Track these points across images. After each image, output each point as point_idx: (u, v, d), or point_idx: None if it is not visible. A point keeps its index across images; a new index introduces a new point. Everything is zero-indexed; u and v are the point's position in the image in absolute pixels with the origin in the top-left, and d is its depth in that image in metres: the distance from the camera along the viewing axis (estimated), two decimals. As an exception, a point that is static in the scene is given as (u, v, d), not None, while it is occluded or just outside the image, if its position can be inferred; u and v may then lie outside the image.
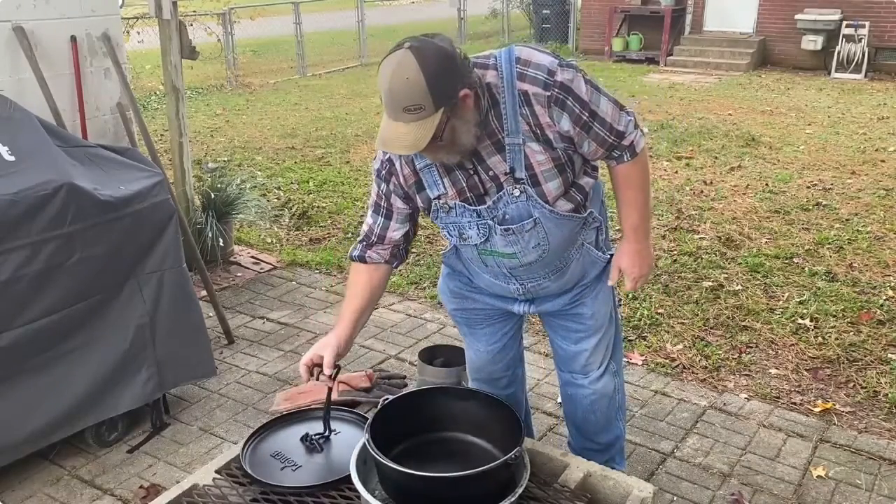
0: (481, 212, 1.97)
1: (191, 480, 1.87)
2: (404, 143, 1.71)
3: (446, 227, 2.05)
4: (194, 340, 3.13)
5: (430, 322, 4.07)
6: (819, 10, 11.71)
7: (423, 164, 1.96)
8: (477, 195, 1.96)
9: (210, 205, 4.64)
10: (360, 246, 2.14)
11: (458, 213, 1.99)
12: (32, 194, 2.55)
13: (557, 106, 1.84)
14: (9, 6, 3.34)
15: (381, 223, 2.10)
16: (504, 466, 1.58)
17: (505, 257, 2.05)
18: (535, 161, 1.90)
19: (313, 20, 14.38)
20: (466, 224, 2.00)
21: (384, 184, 2.04)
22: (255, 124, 8.89)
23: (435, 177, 1.97)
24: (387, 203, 2.07)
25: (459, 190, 1.96)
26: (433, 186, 1.98)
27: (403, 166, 1.99)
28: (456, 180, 1.95)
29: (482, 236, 2.01)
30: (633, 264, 2.17)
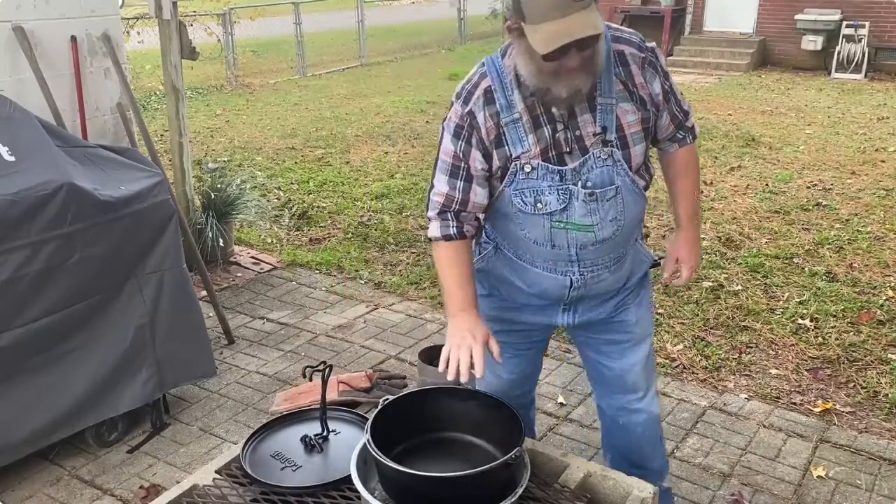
0: (565, 174, 1.85)
1: (191, 480, 1.87)
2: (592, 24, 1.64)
3: (521, 192, 1.88)
4: (194, 340, 3.13)
5: (430, 322, 4.07)
6: (819, 11, 11.71)
7: (509, 117, 1.84)
8: (559, 154, 1.85)
9: (210, 205, 4.64)
10: (449, 221, 1.96)
11: (539, 175, 1.86)
12: (32, 194, 2.55)
13: (651, 67, 1.86)
14: (9, 6, 3.34)
15: (463, 186, 1.92)
16: (504, 466, 1.58)
17: (581, 230, 1.90)
18: (625, 122, 1.85)
19: (313, 20, 14.39)
20: (546, 188, 1.86)
21: (463, 143, 1.89)
22: (255, 124, 8.89)
23: (520, 132, 1.85)
24: (466, 164, 1.90)
25: (543, 148, 1.84)
26: (516, 143, 1.85)
27: (487, 119, 1.86)
28: (541, 137, 1.84)
29: (562, 202, 1.87)
30: (692, 254, 2.15)
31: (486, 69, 1.90)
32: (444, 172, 1.94)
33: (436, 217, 1.98)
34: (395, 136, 8.12)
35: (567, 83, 1.74)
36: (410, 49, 15.63)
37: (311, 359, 3.63)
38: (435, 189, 1.97)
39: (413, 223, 5.47)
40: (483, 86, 1.88)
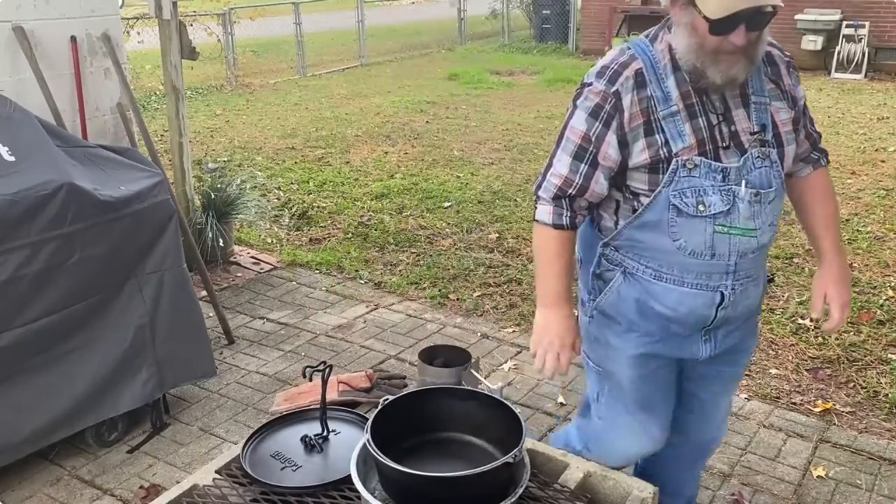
0: (728, 172, 1.71)
1: (191, 480, 1.87)
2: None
3: (681, 193, 1.72)
4: (194, 340, 3.13)
5: (430, 322, 4.07)
6: (819, 10, 11.71)
7: (666, 110, 1.71)
8: (715, 149, 1.72)
9: (210, 205, 4.64)
10: (563, 209, 1.83)
11: (702, 173, 1.71)
12: (32, 194, 2.55)
13: (794, 72, 1.84)
14: (9, 6, 3.34)
15: (586, 171, 1.77)
16: (504, 466, 1.58)
17: (745, 235, 1.75)
18: (779, 120, 1.78)
19: (313, 20, 14.39)
20: (709, 188, 1.71)
21: (600, 124, 1.73)
22: (255, 124, 8.89)
23: (679, 125, 1.71)
24: (596, 148, 1.74)
25: (700, 140, 1.71)
26: (676, 137, 1.71)
27: (634, 103, 1.71)
28: (697, 128, 1.72)
29: (726, 203, 1.71)
30: (843, 290, 1.96)
31: (635, 52, 1.77)
32: (569, 153, 1.79)
33: (549, 201, 1.85)
34: (395, 136, 8.12)
35: (726, 67, 1.65)
36: (410, 49, 15.63)
37: (311, 359, 3.63)
38: (553, 170, 1.82)
39: (413, 223, 5.47)
40: (634, 67, 1.74)
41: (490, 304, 4.26)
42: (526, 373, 3.57)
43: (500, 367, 3.61)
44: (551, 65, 12.93)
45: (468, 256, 4.87)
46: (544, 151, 7.35)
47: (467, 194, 6.05)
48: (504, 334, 3.94)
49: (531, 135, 8.07)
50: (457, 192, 6.10)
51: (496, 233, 5.25)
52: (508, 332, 3.97)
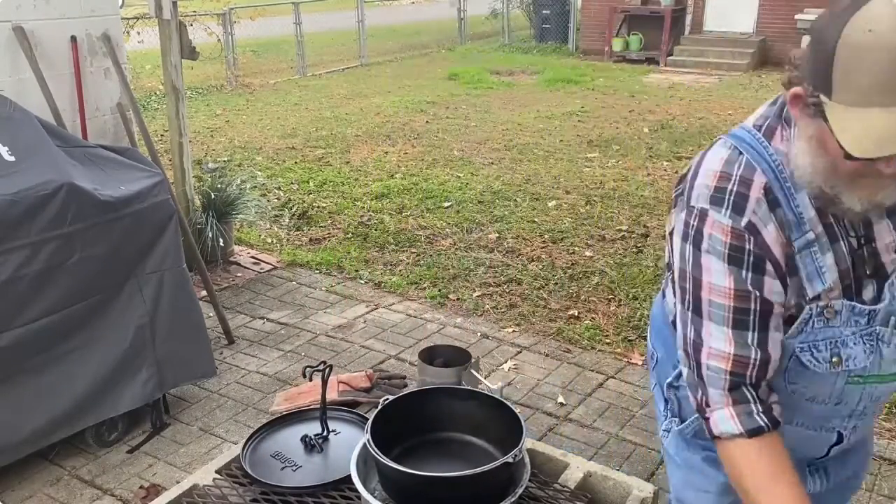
0: (874, 315, 1.29)
1: (191, 480, 1.87)
2: None
3: (812, 346, 1.30)
4: (194, 340, 3.13)
5: (430, 322, 4.07)
6: (819, 10, 11.69)
7: (801, 237, 1.25)
8: (857, 281, 1.29)
9: (210, 205, 4.64)
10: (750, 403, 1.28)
11: (843, 321, 1.28)
12: (32, 194, 2.55)
13: None
14: (9, 6, 3.34)
15: (758, 338, 1.26)
16: (504, 466, 1.58)
17: (885, 381, 1.36)
18: None
19: (313, 20, 14.38)
20: (850, 338, 1.29)
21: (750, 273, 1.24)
22: (255, 124, 8.89)
23: (817, 260, 1.26)
24: (757, 305, 1.25)
25: (843, 273, 1.27)
26: (814, 277, 1.26)
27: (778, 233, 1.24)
28: (840, 258, 1.27)
29: (869, 354, 1.30)
30: None
31: (749, 157, 1.27)
32: (723, 323, 1.26)
33: (724, 397, 1.28)
34: (395, 136, 8.12)
35: (868, 193, 1.19)
36: (410, 49, 15.63)
37: (311, 359, 3.63)
38: (711, 351, 1.28)
39: (413, 223, 5.47)
40: (759, 183, 1.25)
41: (490, 303, 4.26)
42: (526, 373, 3.57)
43: (500, 367, 3.61)
44: (551, 65, 12.94)
45: (468, 256, 4.87)
46: (544, 151, 7.36)
47: (467, 194, 6.05)
48: (504, 334, 3.94)
49: (531, 135, 8.07)
50: (457, 192, 6.10)
51: (496, 233, 5.25)
52: (508, 332, 3.97)
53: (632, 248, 4.96)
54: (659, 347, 1.61)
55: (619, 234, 5.21)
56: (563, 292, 4.37)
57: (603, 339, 3.87)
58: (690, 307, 1.30)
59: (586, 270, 4.63)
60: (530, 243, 5.07)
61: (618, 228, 5.30)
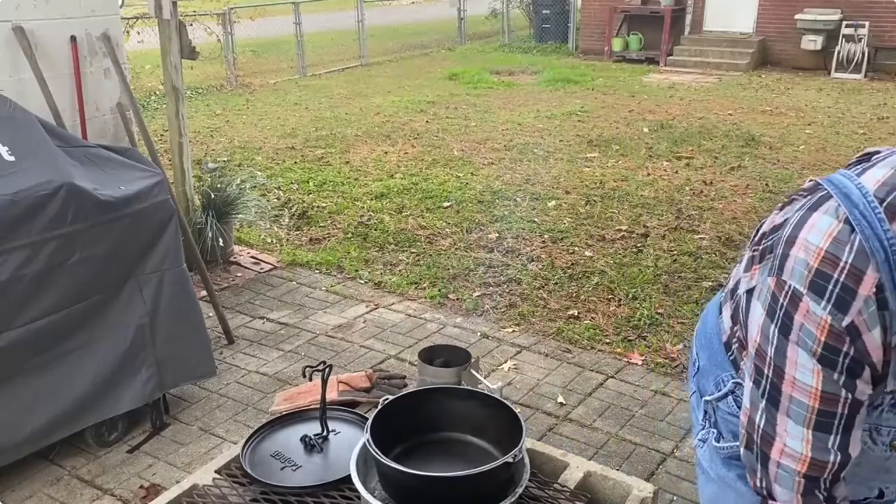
0: None
1: (191, 480, 1.87)
2: None
3: (874, 429, 1.21)
4: (194, 340, 3.13)
5: (430, 322, 4.07)
6: (819, 10, 11.72)
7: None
8: None
9: (210, 205, 4.64)
10: None
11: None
12: (32, 194, 2.55)
13: None
14: (9, 6, 3.34)
15: (840, 442, 1.12)
16: (504, 466, 1.58)
17: None
18: None
19: (313, 20, 14.38)
20: None
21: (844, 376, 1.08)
22: (254, 124, 8.89)
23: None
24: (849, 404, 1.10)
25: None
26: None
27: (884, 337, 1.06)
28: None
29: None
30: None
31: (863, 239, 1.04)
32: (803, 424, 1.12)
33: (794, 499, 1.17)
34: (394, 135, 8.12)
35: None
36: (410, 49, 15.63)
37: (310, 359, 3.63)
38: (785, 449, 1.15)
39: (413, 223, 5.47)
40: (870, 279, 1.04)
41: (490, 303, 4.26)
42: (525, 373, 3.57)
43: (500, 367, 3.61)
44: (551, 64, 12.94)
45: (468, 256, 4.87)
46: (544, 151, 7.36)
47: (467, 194, 6.06)
48: (504, 334, 3.95)
49: (531, 135, 8.07)
50: (457, 192, 6.10)
51: (496, 233, 5.25)
52: (508, 331, 3.97)
53: (631, 247, 4.96)
54: (703, 357, 1.52)
55: (618, 233, 5.21)
56: (562, 292, 4.37)
57: (603, 338, 3.87)
58: (766, 396, 1.15)
59: (586, 270, 4.63)
60: (530, 243, 5.07)
61: (617, 228, 5.30)
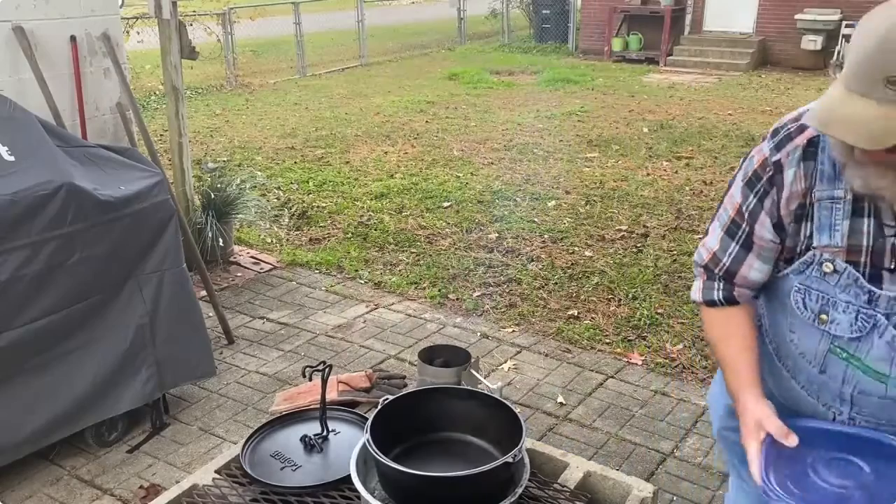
0: (878, 298, 1.34)
1: (190, 480, 1.87)
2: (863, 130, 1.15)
3: (806, 291, 1.42)
4: (194, 340, 3.13)
5: (430, 322, 4.07)
6: (819, 10, 11.72)
7: (828, 192, 1.35)
8: (874, 266, 1.34)
9: (210, 205, 4.64)
10: (714, 282, 1.53)
11: (839, 283, 1.36)
12: (32, 194, 2.55)
13: None
14: (8, 6, 3.34)
15: (736, 253, 1.47)
16: (504, 466, 1.58)
17: (869, 374, 1.40)
18: None
19: (313, 20, 14.38)
20: (842, 303, 1.37)
21: (754, 199, 1.42)
22: (254, 124, 8.89)
23: (835, 217, 1.35)
24: (749, 227, 1.44)
25: (855, 247, 1.34)
26: (825, 230, 1.36)
27: (797, 180, 1.36)
28: (857, 232, 1.34)
29: (856, 331, 1.37)
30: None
31: None
32: (721, 227, 1.50)
33: (701, 272, 1.57)
34: (394, 135, 8.12)
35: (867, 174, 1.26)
36: (410, 49, 15.63)
37: (310, 359, 3.63)
38: (706, 240, 1.56)
39: (413, 223, 5.47)
40: (807, 134, 1.37)
41: (490, 303, 4.26)
42: (525, 373, 3.58)
43: (499, 367, 3.61)
44: (551, 64, 12.94)
45: (468, 256, 4.87)
46: (544, 151, 7.36)
47: (467, 194, 6.06)
48: (504, 334, 3.95)
49: (531, 135, 8.07)
50: (456, 192, 6.10)
51: (496, 233, 5.25)
52: (508, 331, 3.97)
53: (631, 248, 4.96)
54: None
55: (618, 234, 5.21)
56: (562, 292, 4.37)
57: (602, 338, 3.87)
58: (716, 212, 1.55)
59: (586, 270, 4.63)
60: (530, 243, 5.07)
61: (617, 228, 5.30)
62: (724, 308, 1.54)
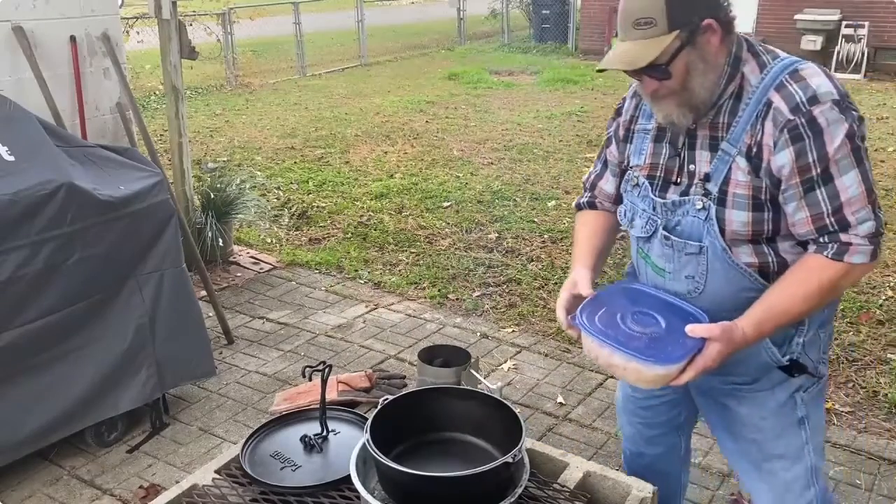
0: (657, 206, 1.71)
1: (190, 480, 1.87)
2: (625, 58, 1.53)
3: (626, 204, 1.83)
4: (194, 340, 3.13)
5: (430, 322, 4.07)
6: (818, 10, 11.72)
7: (643, 125, 1.78)
8: (665, 180, 1.71)
9: (210, 205, 4.64)
10: (584, 193, 1.99)
11: (639, 195, 1.77)
12: (32, 194, 2.55)
13: (789, 135, 1.51)
14: (8, 6, 3.34)
15: (598, 169, 1.93)
16: (504, 466, 1.58)
17: (655, 270, 1.76)
18: (733, 178, 1.59)
19: (313, 20, 14.39)
20: (640, 211, 1.76)
21: (612, 126, 1.89)
22: (254, 124, 8.89)
23: (644, 143, 1.77)
24: (607, 147, 1.90)
25: (652, 165, 1.73)
26: (637, 153, 1.78)
27: (628, 110, 1.83)
28: (657, 153, 1.73)
29: (646, 232, 1.76)
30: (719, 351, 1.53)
31: None
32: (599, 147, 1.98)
33: (582, 187, 2.01)
34: (394, 135, 8.12)
35: (657, 108, 1.64)
36: (410, 49, 15.63)
37: (310, 359, 3.63)
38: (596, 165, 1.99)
39: (413, 223, 5.47)
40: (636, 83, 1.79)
41: (489, 303, 4.26)
42: (525, 373, 3.57)
43: (499, 367, 3.61)
44: (551, 64, 12.94)
45: (468, 256, 4.87)
46: (544, 151, 7.36)
47: (467, 194, 6.06)
48: (503, 334, 3.95)
49: (531, 135, 8.07)
50: (456, 192, 6.10)
51: (496, 233, 5.25)
52: (508, 331, 3.97)
53: (631, 248, 4.95)
54: None
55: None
56: (562, 292, 4.36)
57: (602, 338, 3.86)
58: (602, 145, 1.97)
59: (586, 270, 4.62)
60: (530, 243, 5.07)
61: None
62: (586, 211, 1.98)
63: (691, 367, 1.53)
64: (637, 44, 1.52)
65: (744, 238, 1.61)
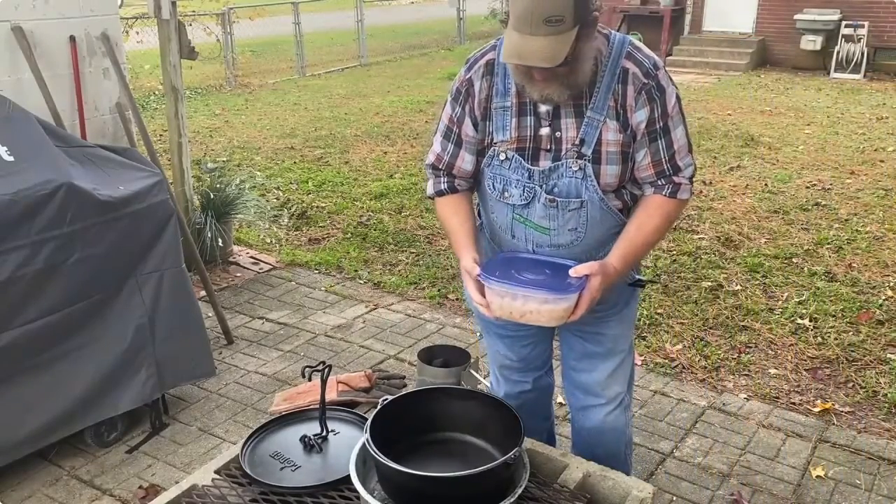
0: (534, 174, 1.90)
1: (190, 481, 1.87)
2: (544, 55, 1.65)
3: (493, 177, 1.97)
4: (194, 340, 3.13)
5: (430, 322, 4.07)
6: (818, 10, 11.72)
7: (500, 103, 1.91)
8: (535, 150, 1.90)
9: (209, 205, 4.64)
10: (440, 178, 2.07)
11: (511, 167, 1.92)
12: (32, 194, 2.55)
13: (646, 95, 1.83)
14: (8, 6, 3.34)
15: (452, 150, 2.02)
16: (504, 466, 1.58)
17: (538, 230, 1.96)
18: (605, 139, 1.85)
19: (312, 20, 14.38)
20: (514, 181, 1.93)
21: (459, 108, 1.98)
22: (254, 124, 8.89)
23: (505, 119, 1.91)
24: (458, 129, 1.99)
25: (521, 138, 1.90)
26: (500, 129, 1.92)
27: (482, 90, 1.93)
28: (523, 125, 1.89)
29: (524, 199, 1.93)
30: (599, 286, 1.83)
31: (497, 45, 1.93)
32: (441, 133, 2.04)
33: (430, 174, 2.10)
34: (394, 135, 8.12)
35: (539, 89, 1.79)
36: (410, 49, 15.63)
37: (310, 359, 3.63)
38: (432, 148, 2.08)
39: (412, 223, 5.47)
40: (487, 57, 1.94)
41: (489, 303, 4.25)
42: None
43: (499, 367, 3.61)
44: (550, 65, 12.92)
45: (467, 256, 4.86)
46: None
47: (466, 194, 6.05)
48: (503, 334, 3.94)
49: (530, 135, 8.06)
50: (456, 192, 6.09)
51: (495, 233, 5.24)
52: (508, 331, 3.97)
53: (631, 247, 4.95)
54: None
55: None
56: (562, 292, 4.36)
57: (602, 338, 3.87)
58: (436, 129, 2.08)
59: (585, 270, 4.62)
60: (529, 243, 5.06)
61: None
62: (448, 196, 2.06)
63: (582, 301, 1.80)
64: (549, 39, 1.64)
65: (613, 187, 1.91)
